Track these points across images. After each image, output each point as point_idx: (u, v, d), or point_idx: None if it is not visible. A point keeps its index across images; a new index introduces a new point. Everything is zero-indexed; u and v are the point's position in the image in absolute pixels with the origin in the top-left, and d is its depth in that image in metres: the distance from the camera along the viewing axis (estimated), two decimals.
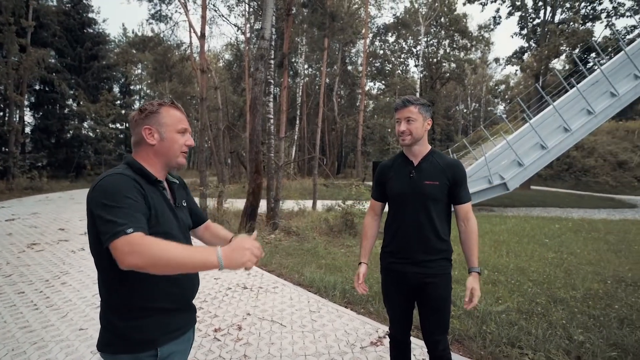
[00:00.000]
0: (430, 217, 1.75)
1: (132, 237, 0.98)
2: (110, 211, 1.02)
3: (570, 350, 2.72)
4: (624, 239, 6.89)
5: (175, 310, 1.21)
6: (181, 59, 18.52)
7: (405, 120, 1.75)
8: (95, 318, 3.34)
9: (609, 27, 19.52)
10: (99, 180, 1.10)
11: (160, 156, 1.23)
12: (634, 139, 25.30)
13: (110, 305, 1.15)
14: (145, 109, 1.22)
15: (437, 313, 1.79)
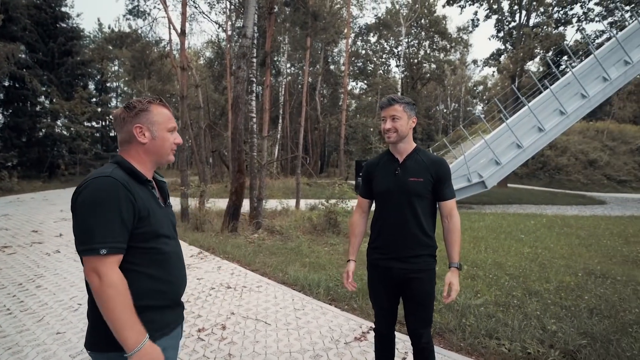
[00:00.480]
0: (415, 213, 1.79)
1: (103, 262, 1.03)
2: (92, 220, 1.03)
3: (544, 339, 2.84)
4: (593, 233, 7.22)
5: (165, 307, 1.22)
6: (160, 56, 18.11)
7: (390, 119, 1.80)
8: (73, 321, 3.25)
9: (579, 31, 20.35)
10: (87, 182, 1.08)
11: (151, 154, 1.23)
12: (603, 138, 26.50)
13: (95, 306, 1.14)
14: (135, 106, 1.21)
15: (421, 307, 1.84)
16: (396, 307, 1.97)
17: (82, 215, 1.04)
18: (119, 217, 1.06)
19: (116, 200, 1.06)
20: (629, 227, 8.04)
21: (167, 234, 1.23)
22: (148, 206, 1.16)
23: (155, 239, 1.17)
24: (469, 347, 2.82)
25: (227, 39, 19.10)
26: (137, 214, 1.11)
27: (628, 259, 5.35)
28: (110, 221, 1.04)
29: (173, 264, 1.24)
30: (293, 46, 22.81)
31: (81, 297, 3.86)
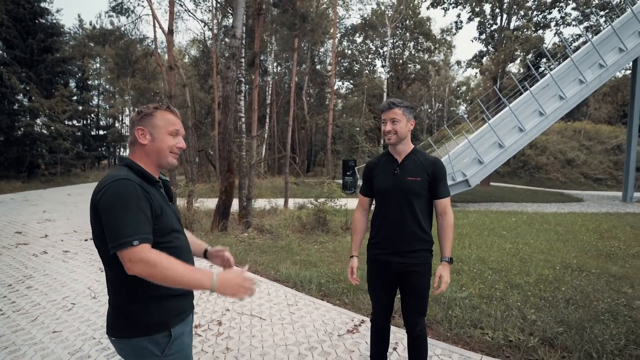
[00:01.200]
0: (413, 211, 1.92)
1: (138, 250, 1.10)
2: (119, 219, 1.11)
3: (524, 328, 3.04)
4: (571, 230, 7.57)
5: (180, 296, 1.32)
6: (145, 54, 17.83)
7: (390, 121, 1.92)
8: (69, 320, 3.27)
9: (557, 35, 21.06)
10: (106, 185, 1.17)
11: (151, 156, 1.32)
12: (580, 138, 27.47)
13: (123, 295, 1.23)
14: (142, 111, 1.31)
15: (417, 298, 1.98)
16: (393, 300, 2.10)
17: (107, 218, 1.13)
18: (142, 213, 1.15)
19: (136, 200, 1.15)
20: (603, 223, 8.44)
21: (178, 229, 1.34)
22: (160, 204, 1.25)
23: (168, 234, 1.27)
24: (455, 336, 2.98)
25: (213, 37, 18.96)
26: (154, 212, 1.21)
27: (602, 253, 5.65)
28: (135, 217, 1.13)
29: (185, 256, 1.34)
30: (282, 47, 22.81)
31: (74, 297, 3.87)
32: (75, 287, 4.17)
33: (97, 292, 4.03)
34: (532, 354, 2.69)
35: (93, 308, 3.58)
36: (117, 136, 37.81)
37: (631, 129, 15.45)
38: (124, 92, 34.13)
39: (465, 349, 2.81)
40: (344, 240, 6.52)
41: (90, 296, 3.90)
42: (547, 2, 20.85)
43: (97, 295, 3.92)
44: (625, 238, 6.75)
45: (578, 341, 2.79)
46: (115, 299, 1.25)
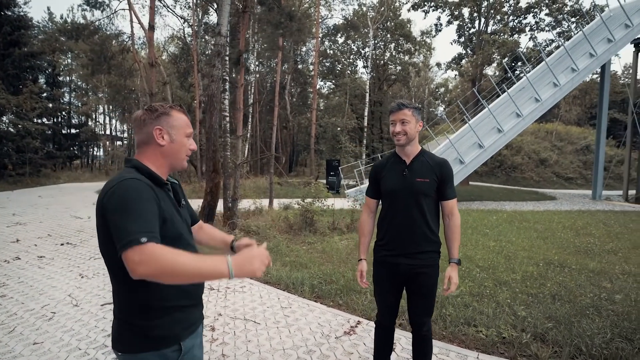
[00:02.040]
0: (422, 212, 1.91)
1: (145, 247, 0.99)
2: (125, 218, 1.03)
3: (516, 324, 3.11)
4: (549, 227, 7.85)
5: (190, 306, 1.25)
6: (121, 50, 17.23)
7: (400, 122, 1.90)
8: (50, 330, 3.10)
9: (532, 39, 21.86)
10: (113, 186, 1.09)
11: (168, 158, 1.25)
12: (552, 139, 28.63)
13: (130, 306, 1.15)
14: (157, 109, 1.24)
15: (425, 299, 1.98)
16: (399, 301, 2.09)
17: (114, 218, 1.04)
18: (150, 212, 1.07)
19: (145, 199, 1.08)
20: (578, 220, 8.81)
21: (186, 237, 1.26)
22: (168, 209, 1.18)
23: (178, 241, 1.19)
24: (451, 335, 3.02)
25: (194, 34, 18.55)
26: (161, 215, 1.13)
27: (580, 250, 5.89)
28: (143, 215, 1.04)
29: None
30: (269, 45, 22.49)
31: (54, 305, 3.67)
32: (54, 295, 3.96)
33: (79, 299, 3.84)
34: (525, 350, 2.75)
35: (76, 316, 3.41)
36: (91, 135, 36.37)
37: (599, 131, 16.21)
38: (98, 89, 32.88)
39: (461, 347, 2.85)
40: (332, 241, 6.50)
41: (71, 304, 3.71)
42: (522, 7, 21.61)
43: (80, 303, 3.74)
44: (600, 235, 7.06)
45: (567, 336, 2.88)
46: (121, 311, 1.17)
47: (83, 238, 6.92)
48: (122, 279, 1.12)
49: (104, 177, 26.74)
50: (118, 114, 37.65)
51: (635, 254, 5.59)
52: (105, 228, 1.10)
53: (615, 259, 5.29)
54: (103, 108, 37.50)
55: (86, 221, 8.75)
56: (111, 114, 39.17)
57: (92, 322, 3.28)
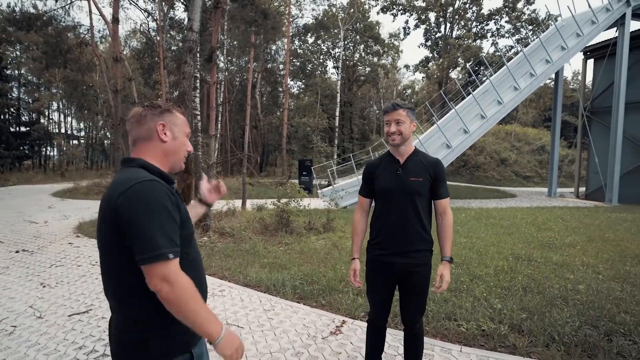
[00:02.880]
0: (416, 211, 1.93)
1: (172, 266, 1.00)
2: (151, 227, 0.98)
3: (493, 317, 3.24)
4: (513, 223, 8.28)
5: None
6: (79, 43, 16.22)
7: (394, 122, 1.91)
8: (12, 346, 2.85)
9: (493, 45, 23.02)
10: (131, 186, 1.02)
11: (170, 155, 1.21)
12: (511, 140, 30.27)
13: (140, 317, 1.08)
14: (160, 105, 1.20)
15: (419, 297, 2.00)
16: (391, 300, 2.10)
17: (137, 224, 0.98)
18: (174, 222, 1.04)
19: (167, 205, 1.03)
20: (538, 216, 9.37)
21: (194, 237, 1.23)
22: (184, 209, 1.13)
23: (189, 243, 1.16)
24: (433, 330, 3.10)
25: (159, 29, 17.83)
26: (182, 216, 1.10)
27: (543, 243, 6.26)
28: (167, 225, 1.01)
29: (201, 267, 1.24)
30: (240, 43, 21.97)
31: (13, 318, 3.38)
32: (13, 307, 3.65)
33: (42, 310, 3.57)
34: (504, 341, 2.88)
35: (41, 329, 3.16)
36: (43, 133, 33.94)
37: (554, 133, 17.34)
38: (52, 85, 30.73)
39: (445, 342, 2.93)
40: (309, 241, 6.48)
41: (34, 316, 3.44)
42: (484, 14, 22.68)
43: (44, 314, 3.47)
44: (559, 229, 7.54)
45: (541, 325, 3.04)
46: (127, 319, 1.09)
47: (41, 244, 6.44)
48: (136, 289, 1.05)
49: (58, 178, 25.05)
50: (74, 111, 35.42)
51: (592, 246, 6.03)
52: (116, 234, 1.02)
53: (575, 251, 5.67)
54: (57, 105, 35.08)
55: (42, 226, 8.16)
56: (67, 111, 36.73)
57: (60, 335, 3.06)
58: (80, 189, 15.79)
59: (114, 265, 1.06)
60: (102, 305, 3.69)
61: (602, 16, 14.73)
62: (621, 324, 3.03)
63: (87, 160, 35.45)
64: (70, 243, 6.54)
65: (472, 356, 2.70)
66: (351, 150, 27.41)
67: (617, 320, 3.09)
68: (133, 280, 1.03)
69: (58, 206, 11.60)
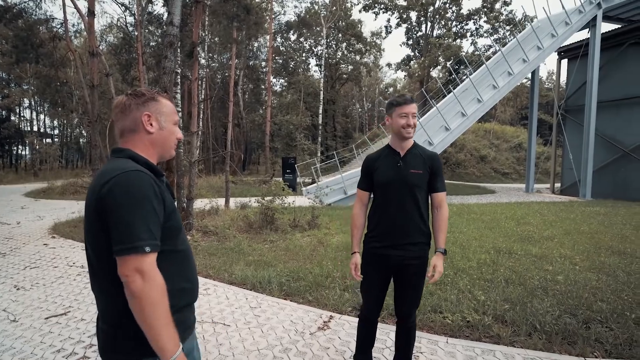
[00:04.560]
0: (416, 203, 1.94)
1: (147, 259, 0.95)
2: (131, 217, 0.95)
3: (477, 308, 3.31)
4: (494, 218, 8.49)
5: (188, 306, 1.17)
6: (52, 37, 15.57)
7: (412, 115, 1.93)
8: None
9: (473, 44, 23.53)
10: (115, 176, 0.98)
11: (157, 146, 1.17)
12: (490, 137, 31.04)
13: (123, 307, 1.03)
14: (144, 94, 1.14)
15: (414, 291, 2.01)
16: (385, 295, 2.10)
17: (118, 215, 0.95)
18: (156, 214, 1.00)
19: (150, 196, 1.00)
20: (517, 211, 9.64)
21: (184, 230, 1.20)
22: (170, 201, 1.10)
23: (177, 235, 1.12)
24: (420, 322, 3.13)
25: (137, 24, 17.33)
26: (167, 209, 1.06)
27: (522, 237, 6.44)
28: (149, 217, 0.98)
29: (191, 260, 1.20)
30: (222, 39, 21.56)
31: None
32: None
33: (17, 313, 3.41)
34: (488, 331, 2.95)
35: (15, 333, 3.02)
36: (14, 131, 32.50)
37: (531, 131, 17.88)
38: (23, 81, 29.44)
39: (431, 334, 2.97)
40: (294, 238, 6.46)
41: (8, 319, 3.29)
42: (463, 14, 23.13)
43: (19, 318, 3.32)
44: (537, 223, 7.78)
45: (523, 315, 3.13)
46: (114, 315, 1.05)
47: (13, 246, 6.17)
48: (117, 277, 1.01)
49: (31, 178, 24.06)
50: (48, 108, 34.05)
51: (568, 239, 6.25)
52: (99, 224, 0.99)
53: (553, 244, 5.87)
54: (29, 102, 33.63)
55: (15, 227, 7.81)
56: (39, 108, 35.27)
57: (37, 338, 2.93)
58: (55, 188, 15.22)
59: (99, 257, 1.02)
60: (80, 307, 3.56)
61: (575, 17, 15.26)
62: (598, 312, 3.16)
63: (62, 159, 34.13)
64: (45, 244, 6.29)
65: (458, 347, 2.74)
66: (335, 148, 27.48)
67: (594, 309, 3.21)
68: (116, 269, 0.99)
69: (32, 206, 11.14)
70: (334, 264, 4.74)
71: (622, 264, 4.67)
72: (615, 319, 3.02)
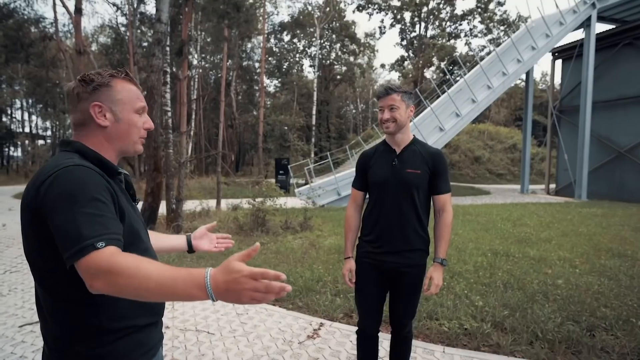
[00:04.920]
0: (413, 205, 1.76)
1: (102, 254, 0.74)
2: (73, 217, 0.76)
3: (475, 315, 3.15)
4: (490, 219, 8.37)
5: (150, 325, 0.98)
6: (42, 37, 15.30)
7: (388, 108, 1.74)
8: None
9: (467, 45, 23.55)
10: (52, 174, 0.81)
11: (114, 142, 0.97)
12: (484, 138, 31.07)
13: (73, 330, 0.86)
14: (92, 79, 0.93)
15: (409, 299, 1.84)
16: (383, 305, 1.92)
17: (58, 217, 0.77)
18: (105, 206, 0.81)
19: (96, 189, 0.81)
20: (513, 212, 9.54)
21: (144, 238, 1.00)
22: (123, 205, 0.91)
23: (134, 245, 0.92)
24: (415, 330, 2.96)
25: (129, 24, 17.08)
26: (119, 210, 0.88)
27: (519, 239, 6.31)
28: (97, 212, 0.78)
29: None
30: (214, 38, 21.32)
31: None
32: None
33: None
34: (487, 340, 2.78)
35: None
36: (6, 132, 31.95)
37: (526, 132, 17.86)
38: (14, 81, 29.00)
39: (427, 342, 2.81)
40: (286, 240, 6.27)
41: None
42: (457, 14, 23.15)
43: None
44: (534, 225, 7.67)
45: (523, 322, 2.97)
46: (59, 337, 0.87)
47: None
48: (62, 294, 0.85)
49: (22, 180, 23.64)
50: (39, 109, 33.56)
51: (566, 240, 6.13)
52: (35, 229, 0.83)
53: (551, 246, 5.74)
54: (21, 102, 33.13)
55: (0, 230, 7.56)
56: (31, 109, 34.75)
57: (8, 348, 2.74)
58: None
59: (39, 265, 0.86)
60: None
61: (570, 17, 15.27)
62: (602, 318, 3.01)
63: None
64: None
65: (455, 357, 2.58)
66: (328, 148, 27.33)
67: (598, 315, 3.07)
68: (62, 285, 0.83)
69: (20, 208, 10.84)
70: (326, 267, 4.56)
71: (624, 267, 4.55)
72: (620, 326, 2.87)
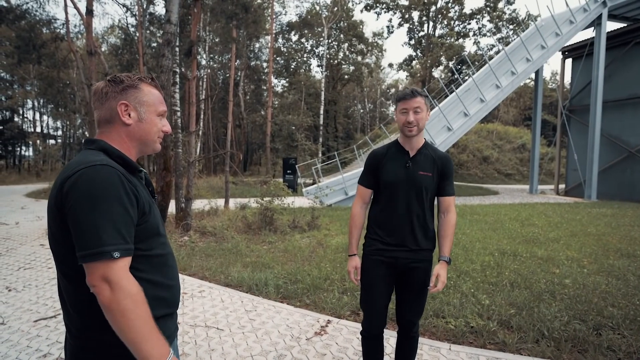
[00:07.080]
0: (423, 206, 1.81)
1: (116, 266, 0.84)
2: (94, 218, 0.83)
3: (482, 313, 3.17)
4: (497, 219, 8.33)
5: (167, 317, 1.05)
6: (54, 38, 15.57)
7: (413, 111, 1.76)
8: None
9: (475, 44, 23.36)
10: (78, 171, 0.87)
11: (135, 140, 1.04)
12: (493, 138, 30.81)
13: (92, 320, 0.93)
14: (122, 80, 1.01)
15: (418, 297, 1.88)
16: (388, 305, 1.94)
17: (79, 215, 0.84)
18: (127, 214, 0.88)
19: (120, 193, 0.88)
20: (521, 212, 9.48)
21: (163, 232, 1.07)
22: (148, 200, 0.99)
23: (154, 238, 1.00)
24: (422, 328, 2.99)
25: (139, 25, 17.30)
26: (140, 209, 0.94)
27: (527, 239, 6.29)
28: (118, 217, 0.86)
29: (171, 266, 1.08)
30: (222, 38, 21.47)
31: None
32: None
33: (5, 316, 3.31)
34: (493, 338, 2.81)
35: (2, 336, 2.92)
36: (17, 132, 32.57)
37: (535, 131, 17.67)
38: (26, 81, 29.54)
39: (433, 340, 2.84)
40: (293, 239, 6.34)
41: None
42: (466, 13, 22.98)
43: (7, 320, 3.22)
44: (542, 225, 7.62)
45: (530, 321, 2.99)
46: (84, 326, 0.93)
47: (9, 246, 6.09)
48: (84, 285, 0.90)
49: (33, 179, 24.12)
50: (50, 109, 34.15)
51: (575, 241, 6.09)
52: (58, 222, 0.89)
53: (559, 246, 5.71)
54: (32, 102, 33.73)
55: (13, 227, 7.75)
56: (42, 109, 35.38)
57: (24, 342, 2.83)
58: None
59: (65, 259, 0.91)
60: None
61: (580, 16, 15.08)
62: (609, 317, 3.01)
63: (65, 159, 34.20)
64: (42, 244, 6.20)
65: (461, 354, 2.61)
66: (336, 148, 27.36)
67: (605, 314, 3.07)
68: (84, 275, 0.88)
69: (31, 207, 11.08)
70: (333, 266, 4.61)
71: (633, 267, 4.52)
72: (627, 325, 2.87)
